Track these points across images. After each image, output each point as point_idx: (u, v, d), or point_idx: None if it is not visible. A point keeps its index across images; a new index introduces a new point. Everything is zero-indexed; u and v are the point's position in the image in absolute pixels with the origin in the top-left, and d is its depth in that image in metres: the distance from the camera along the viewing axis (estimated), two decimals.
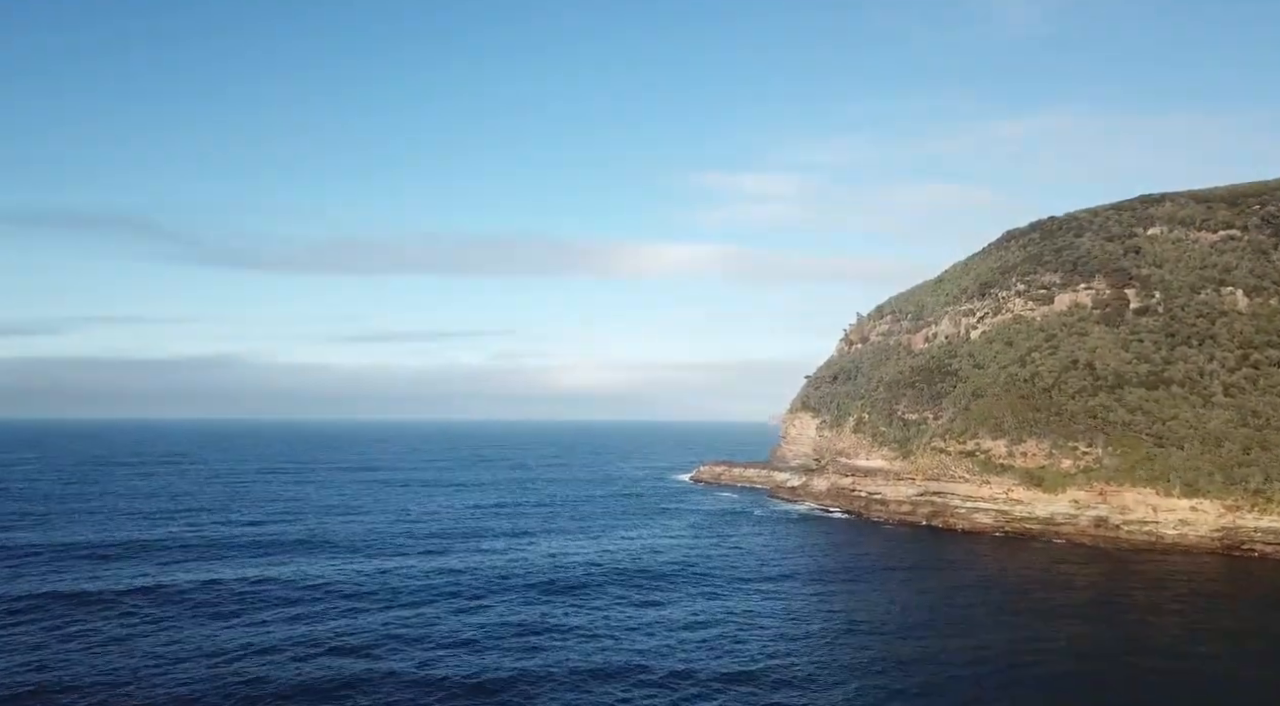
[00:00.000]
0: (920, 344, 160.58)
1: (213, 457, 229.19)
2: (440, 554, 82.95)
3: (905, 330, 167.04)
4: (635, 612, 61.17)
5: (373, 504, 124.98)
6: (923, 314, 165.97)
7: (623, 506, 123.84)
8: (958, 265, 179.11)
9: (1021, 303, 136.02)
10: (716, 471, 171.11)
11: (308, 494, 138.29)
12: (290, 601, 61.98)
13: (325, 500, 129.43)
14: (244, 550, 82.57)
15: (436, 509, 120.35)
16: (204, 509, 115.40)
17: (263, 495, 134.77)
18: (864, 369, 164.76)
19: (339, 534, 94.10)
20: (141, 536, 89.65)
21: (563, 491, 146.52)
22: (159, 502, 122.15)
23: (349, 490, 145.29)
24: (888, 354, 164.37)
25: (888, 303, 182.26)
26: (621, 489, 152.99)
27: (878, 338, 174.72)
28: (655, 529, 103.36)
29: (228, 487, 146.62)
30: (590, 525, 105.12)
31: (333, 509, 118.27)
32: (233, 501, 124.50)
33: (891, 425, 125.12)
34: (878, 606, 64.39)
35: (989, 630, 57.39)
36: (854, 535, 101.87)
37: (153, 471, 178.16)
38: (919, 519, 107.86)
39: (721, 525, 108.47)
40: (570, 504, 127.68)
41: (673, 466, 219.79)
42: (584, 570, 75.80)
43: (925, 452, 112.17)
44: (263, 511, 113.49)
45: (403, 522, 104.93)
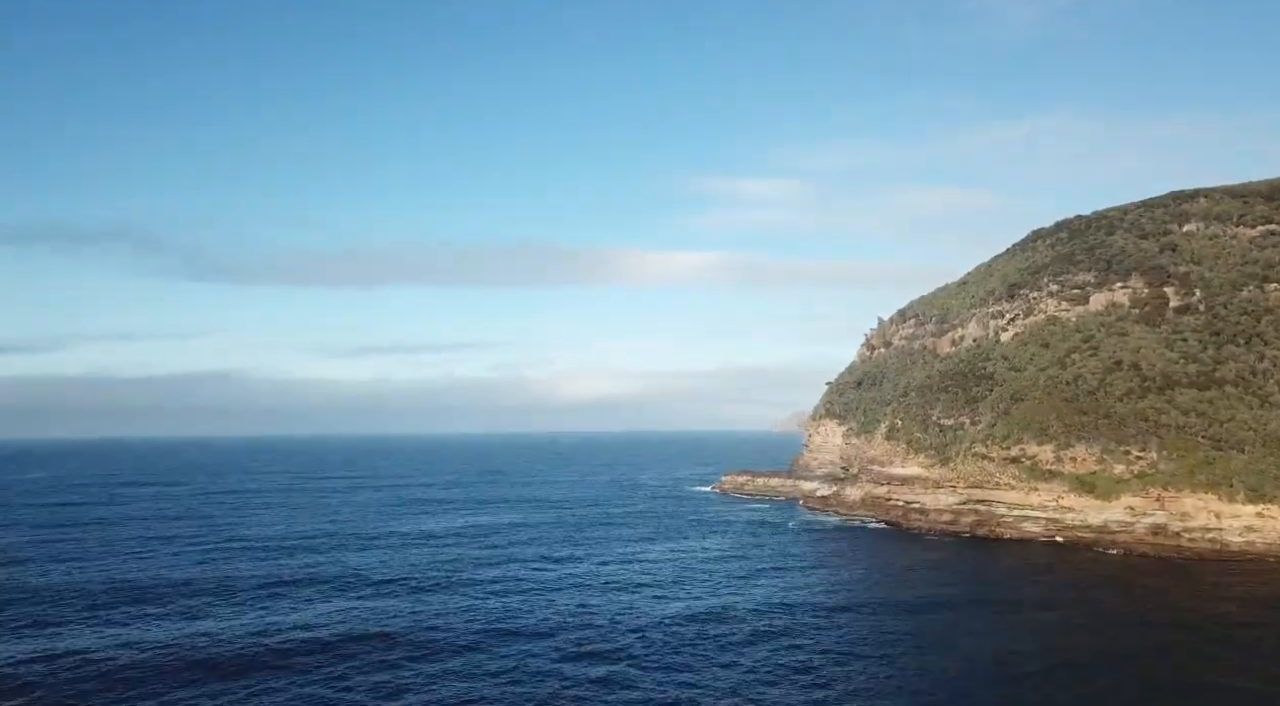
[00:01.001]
0: (946, 347, 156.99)
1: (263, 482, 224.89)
2: (473, 591, 78.76)
3: (930, 334, 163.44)
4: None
5: (397, 525, 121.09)
6: (947, 317, 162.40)
7: (654, 525, 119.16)
8: (981, 267, 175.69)
9: (1055, 303, 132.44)
10: (739, 481, 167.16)
11: (337, 519, 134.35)
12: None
13: (355, 526, 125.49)
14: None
15: (462, 532, 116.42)
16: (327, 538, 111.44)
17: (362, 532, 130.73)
18: (889, 374, 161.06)
19: (371, 564, 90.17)
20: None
21: (587, 508, 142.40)
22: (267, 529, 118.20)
23: (370, 512, 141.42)
24: (913, 358, 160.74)
25: (910, 306, 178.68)
26: (646, 504, 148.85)
27: (901, 342, 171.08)
28: (698, 547, 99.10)
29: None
30: (632, 548, 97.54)
31: (356, 538, 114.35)
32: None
33: (927, 431, 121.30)
34: (987, 644, 57.18)
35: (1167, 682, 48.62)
36: (901, 549, 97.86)
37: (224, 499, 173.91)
38: (962, 528, 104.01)
39: (763, 541, 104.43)
40: (600, 523, 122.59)
41: (689, 477, 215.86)
42: (659, 629, 60.00)
43: (966, 459, 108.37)
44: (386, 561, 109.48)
45: (427, 547, 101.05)
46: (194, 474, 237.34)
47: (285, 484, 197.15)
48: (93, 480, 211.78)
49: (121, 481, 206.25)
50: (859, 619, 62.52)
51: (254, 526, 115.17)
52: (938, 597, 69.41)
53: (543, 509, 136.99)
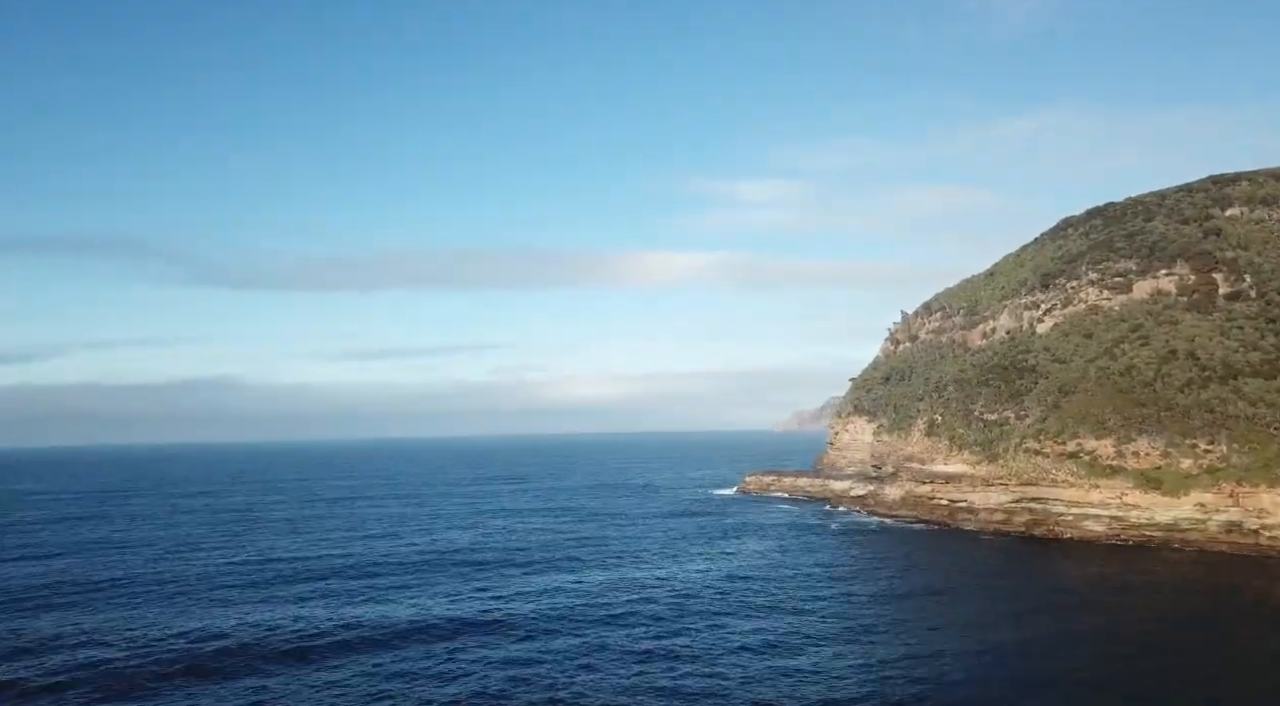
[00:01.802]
0: (977, 340, 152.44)
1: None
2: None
3: (959, 327, 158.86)
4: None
5: (428, 528, 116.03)
6: (977, 309, 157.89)
7: (688, 530, 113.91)
8: (1010, 257, 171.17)
9: (1096, 292, 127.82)
10: (764, 482, 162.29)
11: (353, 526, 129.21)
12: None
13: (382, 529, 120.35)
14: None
15: (489, 543, 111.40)
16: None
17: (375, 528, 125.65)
18: (918, 368, 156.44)
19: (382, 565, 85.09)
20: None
21: (611, 514, 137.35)
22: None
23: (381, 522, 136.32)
24: (941, 352, 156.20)
25: (935, 299, 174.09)
26: (672, 508, 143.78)
27: (928, 335, 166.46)
28: (743, 552, 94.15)
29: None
30: (672, 558, 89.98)
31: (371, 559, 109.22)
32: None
33: (970, 427, 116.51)
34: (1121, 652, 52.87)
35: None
36: (959, 550, 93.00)
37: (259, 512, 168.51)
38: (1016, 527, 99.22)
39: (809, 545, 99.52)
40: (630, 531, 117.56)
41: (707, 479, 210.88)
42: (736, 657, 53.13)
43: (1017, 455, 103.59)
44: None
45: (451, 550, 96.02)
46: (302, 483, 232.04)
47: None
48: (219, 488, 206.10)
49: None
50: (961, 637, 57.37)
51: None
52: (1038, 604, 64.75)
53: (567, 516, 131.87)
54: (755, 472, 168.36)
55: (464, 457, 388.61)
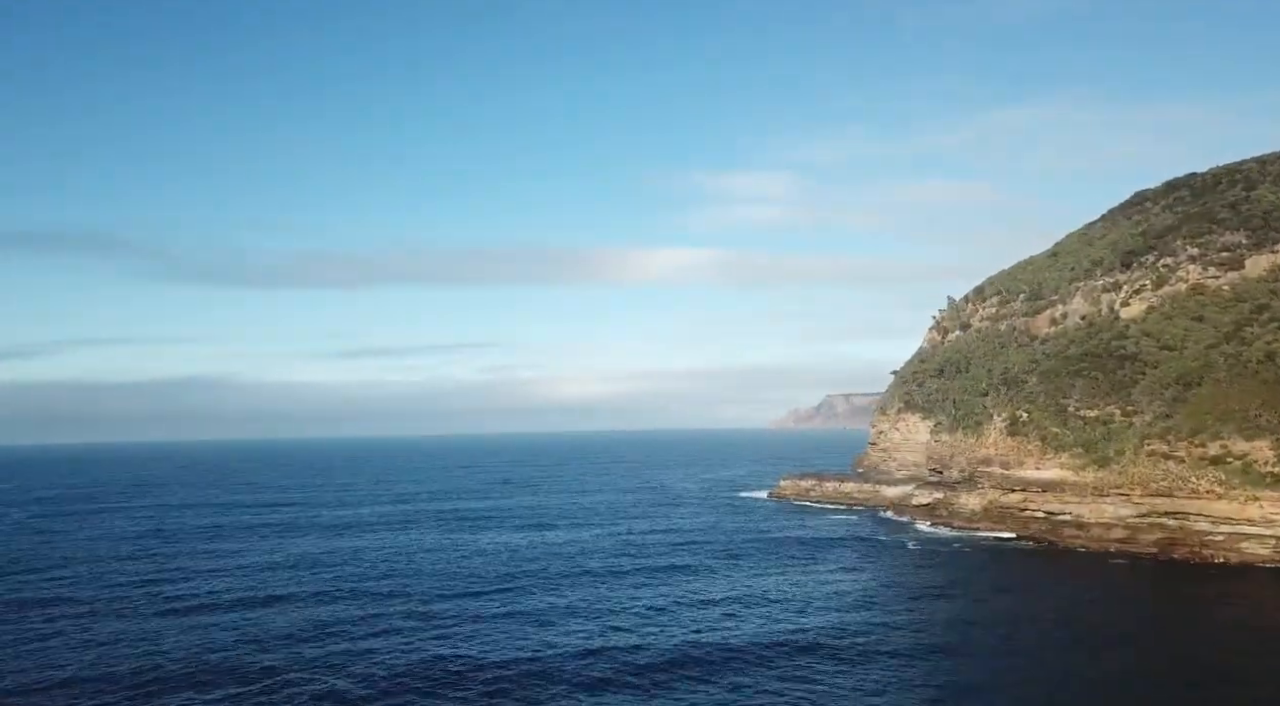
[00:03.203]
0: (1044, 327, 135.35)
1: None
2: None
3: (1020, 312, 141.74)
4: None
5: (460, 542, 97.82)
6: (1041, 293, 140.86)
7: (733, 545, 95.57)
8: (1074, 235, 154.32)
9: (1198, 269, 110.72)
10: (803, 486, 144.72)
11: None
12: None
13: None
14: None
15: (518, 556, 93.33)
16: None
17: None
18: (977, 359, 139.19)
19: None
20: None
21: (638, 522, 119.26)
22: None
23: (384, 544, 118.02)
24: (1003, 341, 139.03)
25: (988, 283, 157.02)
26: (705, 517, 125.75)
27: (983, 323, 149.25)
28: (813, 577, 76.54)
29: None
30: (730, 581, 73.07)
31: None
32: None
33: (1066, 425, 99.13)
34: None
35: None
36: (1088, 577, 75.63)
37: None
38: (1144, 547, 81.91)
39: (889, 565, 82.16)
40: (669, 543, 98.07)
41: (730, 481, 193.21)
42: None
43: (1138, 459, 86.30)
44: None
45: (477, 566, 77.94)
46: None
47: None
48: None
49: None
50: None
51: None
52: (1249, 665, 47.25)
53: (590, 526, 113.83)
54: (791, 476, 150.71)
55: (459, 459, 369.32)
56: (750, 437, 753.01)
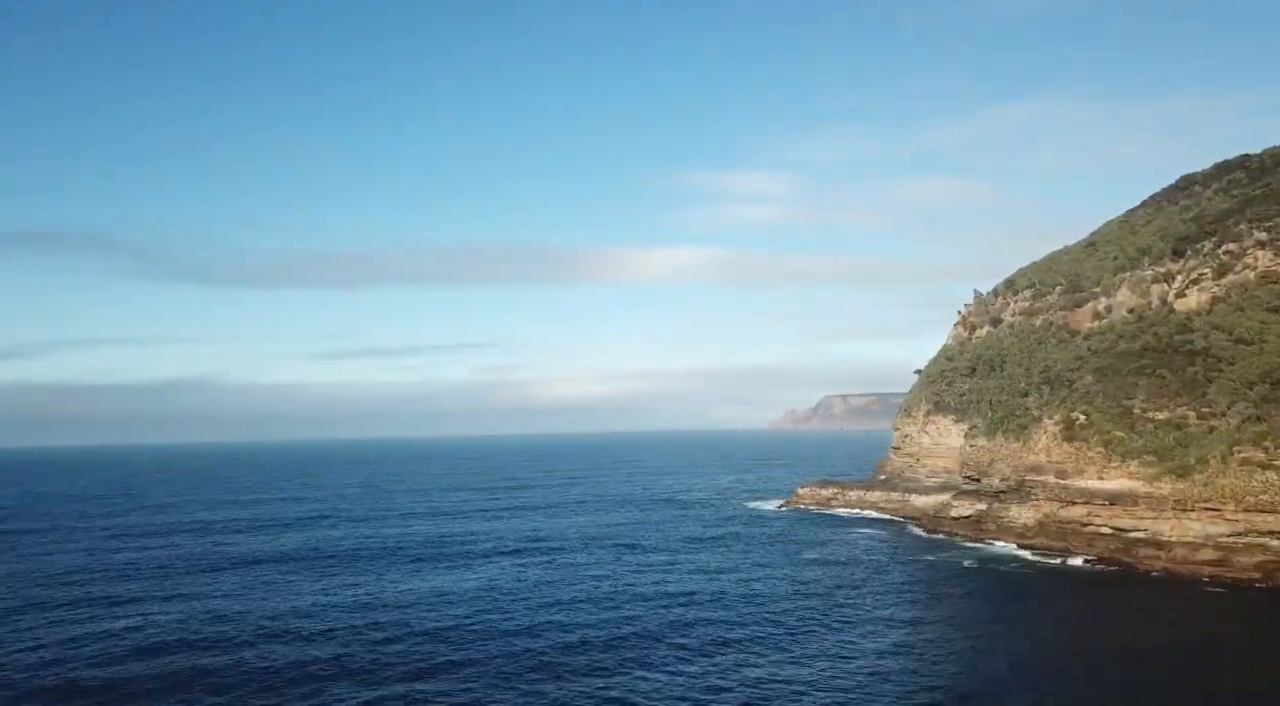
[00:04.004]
0: (1087, 321, 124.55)
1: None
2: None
3: (1057, 306, 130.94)
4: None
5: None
6: (1080, 284, 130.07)
7: (768, 569, 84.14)
8: (1113, 223, 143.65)
9: (1269, 255, 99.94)
10: (823, 495, 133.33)
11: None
12: None
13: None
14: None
15: (528, 576, 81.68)
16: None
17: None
18: (1013, 356, 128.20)
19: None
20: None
21: (650, 535, 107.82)
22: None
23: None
24: (1040, 337, 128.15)
25: (1019, 275, 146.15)
26: (718, 530, 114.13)
27: (1016, 318, 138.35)
28: (881, 616, 65.09)
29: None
30: (794, 648, 57.27)
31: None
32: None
33: (1134, 429, 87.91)
34: None
35: None
36: (1193, 610, 64.28)
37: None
38: (1242, 572, 70.71)
39: (965, 596, 70.77)
40: (694, 567, 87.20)
41: (739, 488, 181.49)
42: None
43: (1229, 469, 75.14)
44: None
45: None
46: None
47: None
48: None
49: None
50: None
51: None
52: None
53: (598, 545, 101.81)
54: (810, 483, 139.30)
55: (450, 462, 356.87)
56: (748, 439, 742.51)
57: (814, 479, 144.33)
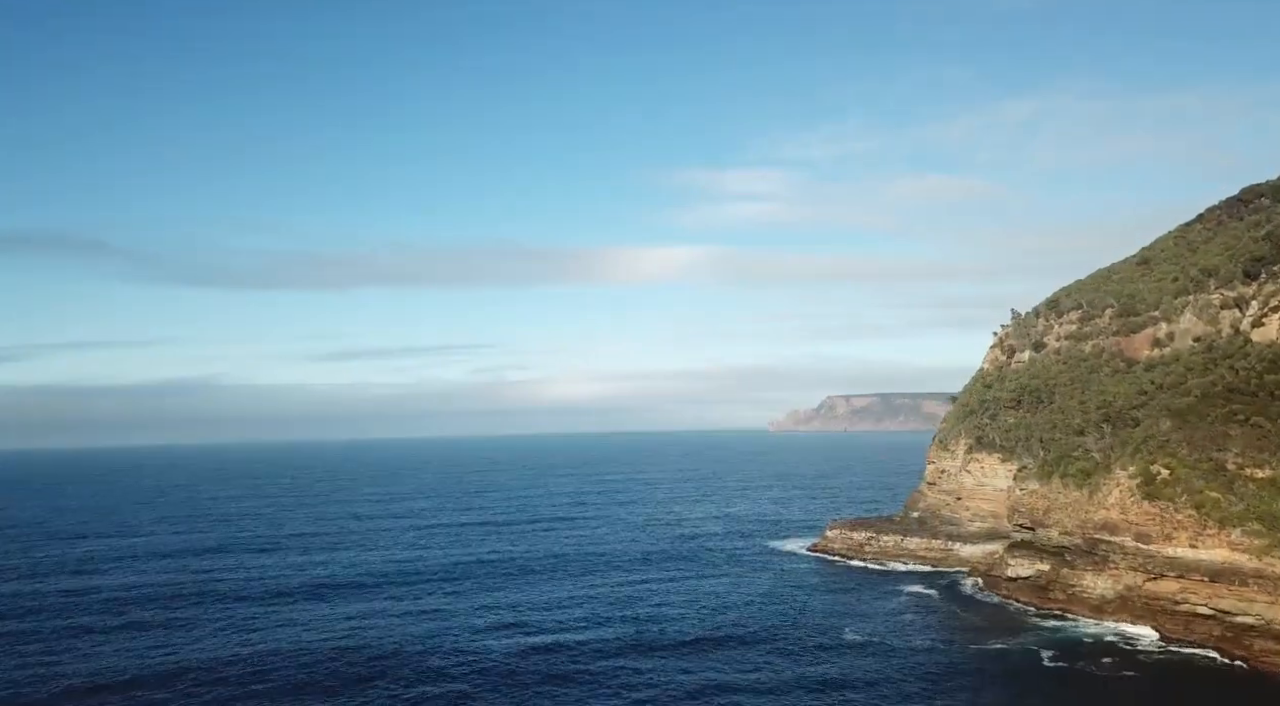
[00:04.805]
0: (1145, 349, 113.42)
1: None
2: None
3: (1109, 331, 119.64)
4: None
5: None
6: (1134, 307, 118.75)
7: (799, 661, 73.07)
8: (1167, 239, 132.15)
9: None
10: (855, 540, 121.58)
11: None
12: None
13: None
14: None
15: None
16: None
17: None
18: (1062, 387, 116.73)
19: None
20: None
21: (659, 605, 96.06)
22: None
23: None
24: (1091, 365, 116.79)
25: (1064, 295, 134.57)
26: (739, 585, 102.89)
27: (1061, 342, 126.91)
28: None
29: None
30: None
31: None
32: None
33: (1232, 489, 76.33)
34: None
35: None
36: None
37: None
38: None
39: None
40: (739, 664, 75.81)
41: (762, 518, 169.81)
42: None
43: None
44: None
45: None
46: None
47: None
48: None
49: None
50: None
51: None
52: None
53: (601, 621, 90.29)
54: (840, 524, 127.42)
55: (416, 476, 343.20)
56: (752, 442, 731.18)
57: (843, 517, 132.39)
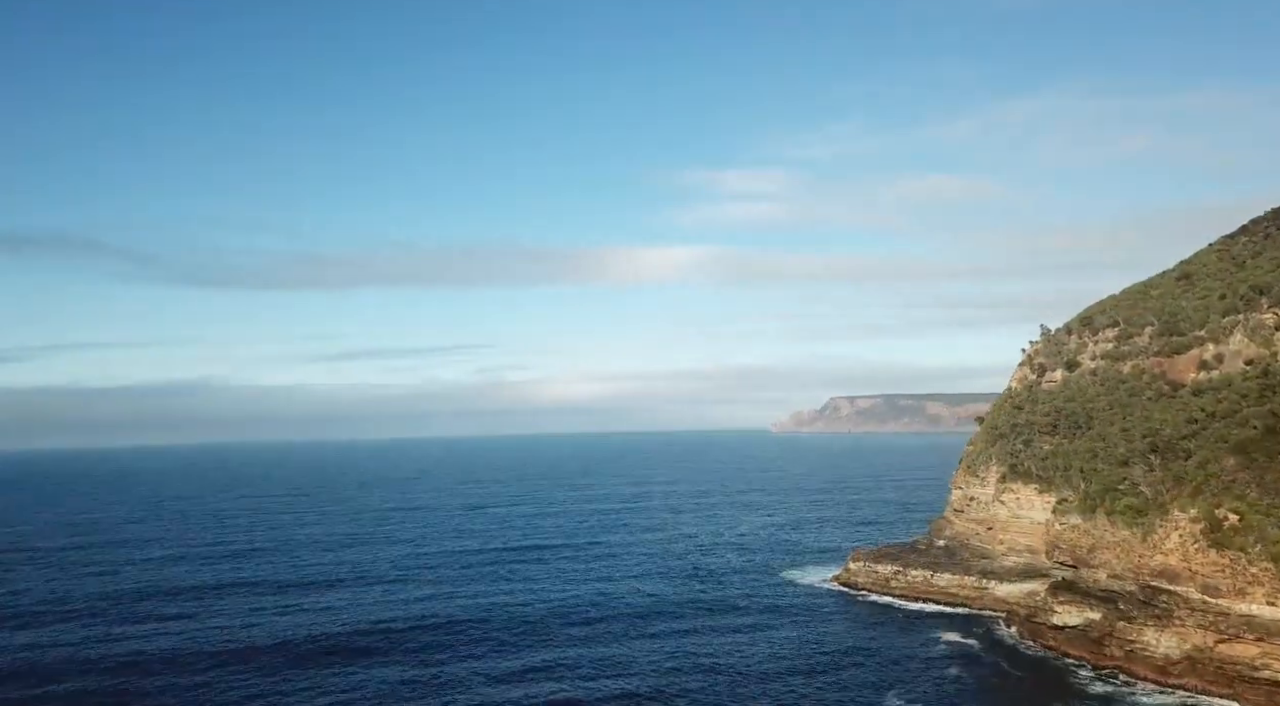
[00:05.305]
0: (1191, 372, 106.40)
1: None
2: None
3: (1149, 351, 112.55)
4: None
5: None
6: (1177, 326, 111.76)
7: None
8: (1209, 252, 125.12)
9: None
10: (881, 574, 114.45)
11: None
12: None
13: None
14: None
15: None
16: None
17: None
18: (1100, 411, 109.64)
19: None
20: None
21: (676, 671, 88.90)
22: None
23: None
24: (1132, 388, 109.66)
25: (1099, 311, 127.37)
26: (759, 630, 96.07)
27: (1097, 362, 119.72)
28: None
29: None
30: None
31: None
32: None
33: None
34: None
35: None
36: None
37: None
38: None
39: None
40: None
41: (778, 541, 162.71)
42: None
43: None
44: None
45: None
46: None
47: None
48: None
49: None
50: None
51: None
52: None
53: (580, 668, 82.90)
54: (864, 555, 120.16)
55: (390, 485, 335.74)
56: (755, 441, 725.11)
57: (864, 545, 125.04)
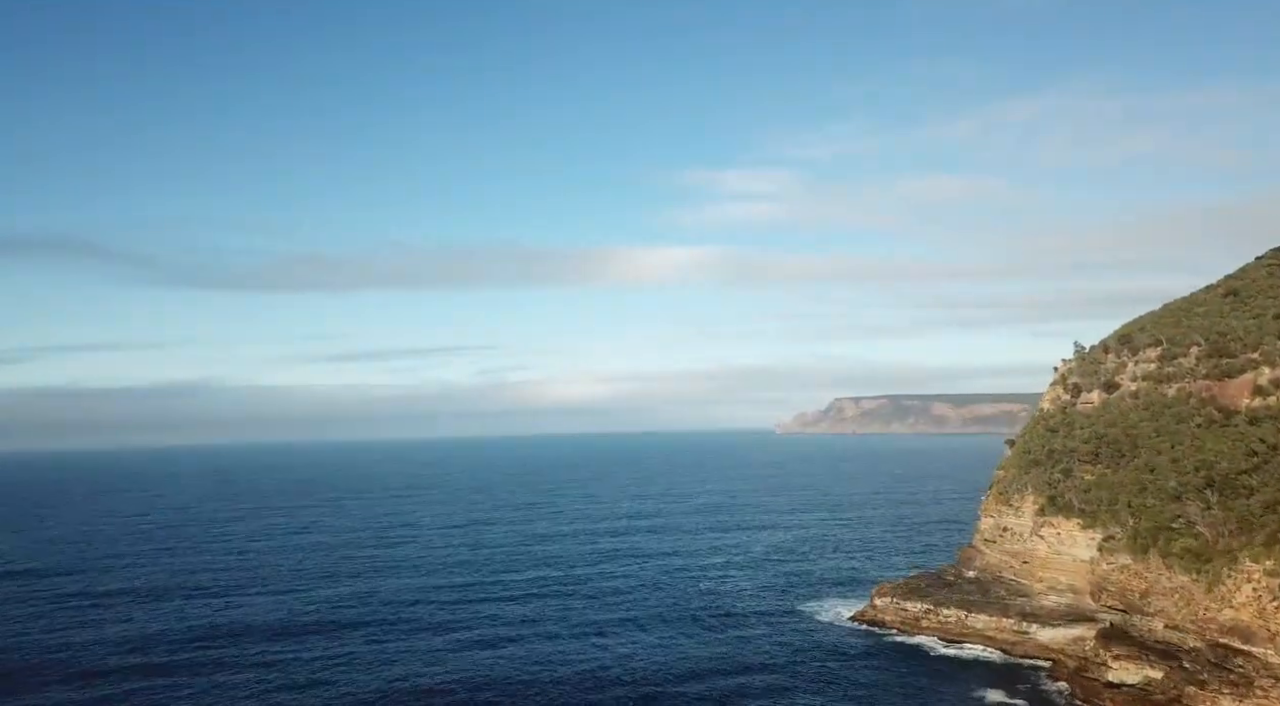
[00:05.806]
0: (1244, 397, 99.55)
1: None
2: None
3: (1197, 373, 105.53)
4: None
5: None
6: (1227, 347, 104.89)
7: None
8: (1257, 267, 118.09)
9: None
10: (910, 611, 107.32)
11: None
12: None
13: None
14: None
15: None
16: None
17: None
18: (1145, 439, 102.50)
19: None
20: None
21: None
22: None
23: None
24: (1178, 414, 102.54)
25: (1138, 328, 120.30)
26: (794, 695, 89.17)
27: (1138, 383, 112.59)
28: None
29: None
30: None
31: None
32: None
33: None
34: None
35: None
36: None
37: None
38: None
39: None
40: None
41: (781, 559, 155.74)
42: None
43: None
44: None
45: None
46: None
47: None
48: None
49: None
50: None
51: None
52: None
53: None
54: (889, 590, 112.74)
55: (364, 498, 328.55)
56: (758, 442, 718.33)
57: (897, 582, 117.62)
